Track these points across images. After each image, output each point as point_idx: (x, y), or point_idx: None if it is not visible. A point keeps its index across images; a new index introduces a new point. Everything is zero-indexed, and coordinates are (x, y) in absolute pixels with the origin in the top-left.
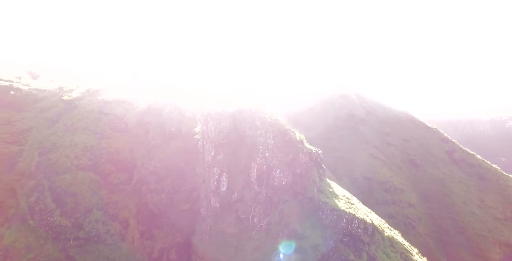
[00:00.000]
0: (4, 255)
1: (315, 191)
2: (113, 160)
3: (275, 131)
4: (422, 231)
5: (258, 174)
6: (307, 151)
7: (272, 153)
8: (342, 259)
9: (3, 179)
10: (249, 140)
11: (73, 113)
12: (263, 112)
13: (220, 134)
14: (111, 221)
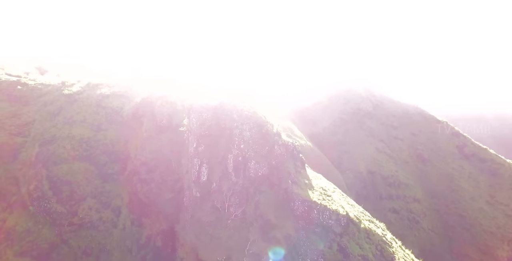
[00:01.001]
0: (6, 237)
1: (289, 182)
2: (108, 151)
3: (252, 123)
4: (427, 226)
5: (235, 165)
6: (283, 143)
7: (248, 145)
8: (312, 248)
9: (7, 168)
10: (227, 132)
11: (72, 106)
12: (242, 105)
13: (202, 126)
14: (103, 209)
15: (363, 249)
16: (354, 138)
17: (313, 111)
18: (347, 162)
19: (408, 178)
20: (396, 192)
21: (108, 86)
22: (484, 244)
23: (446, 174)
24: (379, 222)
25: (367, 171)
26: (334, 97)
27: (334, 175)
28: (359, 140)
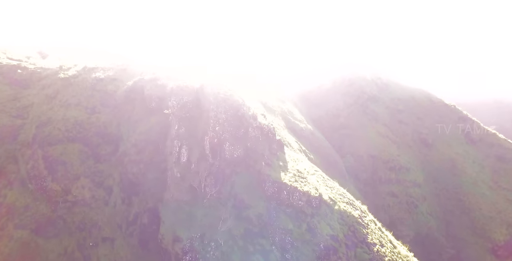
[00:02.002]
0: (7, 212)
1: (262, 164)
2: (101, 133)
3: (228, 106)
4: (425, 210)
5: (211, 147)
6: (258, 125)
7: (223, 127)
8: (281, 227)
9: (7, 148)
10: (205, 115)
11: (68, 90)
12: (220, 88)
13: (183, 109)
14: (96, 188)
15: (333, 229)
16: (357, 121)
17: (316, 93)
18: (348, 146)
19: (410, 162)
20: (396, 176)
21: (103, 70)
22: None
23: (449, 159)
24: (361, 205)
25: (367, 155)
26: (338, 80)
27: (334, 158)
28: (362, 123)
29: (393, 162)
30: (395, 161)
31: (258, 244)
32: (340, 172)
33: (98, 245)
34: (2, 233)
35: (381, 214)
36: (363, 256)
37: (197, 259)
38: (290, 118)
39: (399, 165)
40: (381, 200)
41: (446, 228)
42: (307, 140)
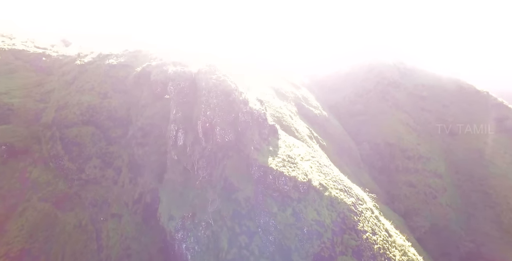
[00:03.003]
0: (31, 186)
1: (251, 148)
2: (112, 117)
3: (219, 91)
4: (445, 202)
5: (203, 131)
6: (247, 111)
7: (214, 112)
8: (266, 210)
9: (32, 129)
10: (199, 100)
11: (83, 76)
12: (213, 73)
13: (179, 94)
14: (106, 168)
15: (320, 215)
16: (375, 108)
17: (334, 79)
18: (365, 133)
19: (431, 151)
20: (415, 166)
21: (116, 56)
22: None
23: (476, 149)
24: (363, 192)
25: (384, 143)
26: (357, 65)
27: (348, 145)
28: (381, 110)
29: (412, 150)
30: (414, 149)
31: (244, 225)
32: (355, 160)
33: (108, 220)
34: (28, 204)
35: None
36: (350, 242)
37: (188, 236)
38: (304, 104)
39: (419, 154)
40: (397, 189)
41: (467, 221)
42: (321, 127)
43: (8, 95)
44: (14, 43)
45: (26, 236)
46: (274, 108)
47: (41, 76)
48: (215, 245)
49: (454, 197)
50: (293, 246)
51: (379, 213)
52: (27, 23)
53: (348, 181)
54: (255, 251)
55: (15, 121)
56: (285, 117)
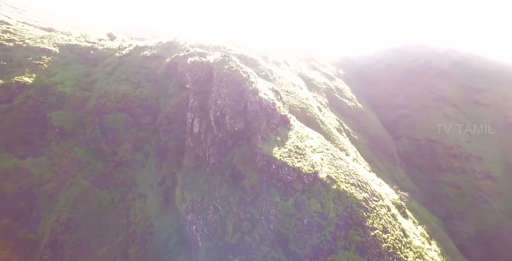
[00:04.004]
0: (77, 164)
1: (258, 138)
2: (143, 105)
3: (230, 81)
4: (498, 208)
5: (215, 119)
6: (256, 100)
7: (224, 101)
8: (268, 199)
9: (78, 115)
10: (212, 89)
11: (121, 67)
12: (226, 63)
13: (196, 84)
14: (136, 151)
15: (324, 208)
16: (418, 101)
17: (373, 70)
18: (404, 128)
19: (484, 151)
20: (462, 165)
21: (150, 48)
22: None
23: None
24: (387, 189)
25: (426, 139)
26: (400, 53)
27: (384, 140)
28: (424, 103)
29: (459, 148)
30: (462, 147)
31: (248, 212)
32: (390, 155)
33: (135, 199)
34: (74, 180)
35: (436, 205)
36: (355, 238)
37: (198, 219)
38: (337, 96)
39: (467, 153)
40: (438, 190)
41: None
42: (354, 120)
43: (62, 85)
44: (70, 39)
45: (71, 206)
46: (299, 99)
47: (88, 68)
48: (222, 229)
49: (510, 203)
50: (291, 236)
51: (400, 212)
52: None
53: (369, 176)
54: (257, 237)
55: (66, 107)
56: (310, 109)
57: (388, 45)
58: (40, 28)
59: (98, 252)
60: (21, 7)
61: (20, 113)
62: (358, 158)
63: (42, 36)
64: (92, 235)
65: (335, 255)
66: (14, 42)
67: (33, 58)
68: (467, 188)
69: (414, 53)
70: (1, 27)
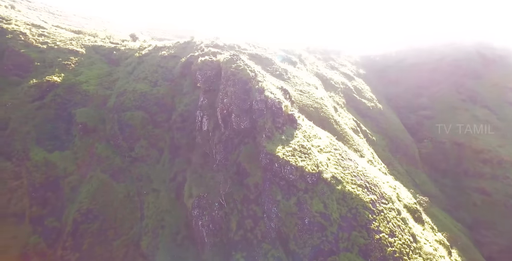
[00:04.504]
0: (97, 159)
1: (263, 136)
2: (159, 103)
3: (237, 80)
4: None
5: (222, 118)
6: (262, 99)
7: (230, 100)
8: (270, 198)
9: (100, 112)
10: (219, 88)
11: (140, 66)
12: (234, 62)
13: (206, 83)
14: (151, 148)
15: (327, 208)
16: (444, 102)
17: (396, 70)
18: (428, 130)
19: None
20: (493, 171)
21: (167, 48)
22: None
23: None
24: (404, 192)
25: (451, 142)
26: (425, 52)
27: (404, 142)
28: (450, 104)
29: (490, 153)
30: (493, 152)
31: (251, 210)
32: (411, 158)
33: (149, 194)
34: (94, 174)
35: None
36: (358, 240)
37: (203, 215)
38: (356, 96)
39: (499, 158)
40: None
41: None
42: (373, 121)
43: (87, 83)
44: (95, 40)
45: (91, 198)
46: (313, 99)
47: (111, 67)
48: (227, 225)
49: None
50: (291, 235)
51: (415, 216)
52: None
53: (383, 178)
54: (258, 235)
55: (89, 105)
56: (324, 108)
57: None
58: (71, 30)
59: (114, 243)
60: (57, 12)
61: (50, 110)
62: (375, 159)
63: (71, 38)
64: (109, 226)
65: (336, 257)
66: (47, 44)
67: (62, 58)
68: (498, 196)
69: (441, 51)
70: (37, 31)
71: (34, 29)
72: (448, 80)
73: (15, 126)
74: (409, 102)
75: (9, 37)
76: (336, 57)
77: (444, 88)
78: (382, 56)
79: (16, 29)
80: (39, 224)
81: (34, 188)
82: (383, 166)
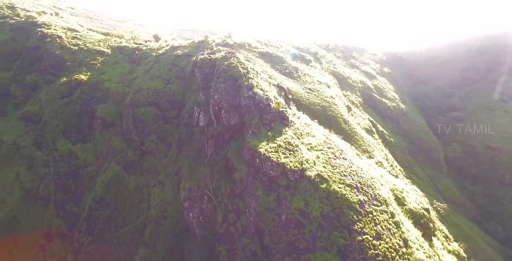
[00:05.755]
0: (113, 152)
1: (249, 132)
2: (170, 100)
3: (228, 76)
4: None
5: (214, 114)
6: (250, 95)
7: (221, 96)
8: (251, 192)
9: (118, 108)
10: (212, 84)
11: (156, 65)
12: (227, 59)
13: (204, 79)
14: (160, 143)
15: (308, 206)
16: (479, 102)
17: (425, 68)
18: (457, 132)
19: None
20: None
21: (182, 48)
22: None
23: None
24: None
25: (484, 146)
26: (461, 49)
27: (428, 145)
28: (485, 105)
29: None
30: None
31: (235, 204)
32: (434, 162)
33: (155, 186)
34: (109, 165)
35: (492, 224)
36: (338, 240)
37: (194, 207)
38: (375, 95)
39: None
40: (497, 206)
41: None
42: (393, 121)
43: (109, 81)
44: (121, 41)
45: (104, 187)
46: (322, 97)
47: (132, 66)
48: (214, 218)
49: None
50: (267, 230)
51: (420, 222)
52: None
53: (379, 179)
54: (240, 229)
55: (110, 101)
56: (332, 107)
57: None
58: (101, 33)
59: (121, 230)
60: (95, 17)
61: (76, 105)
62: (388, 161)
63: (100, 40)
64: (118, 214)
65: (311, 255)
66: (78, 46)
67: (90, 58)
68: None
69: (478, 48)
70: (71, 34)
71: (69, 33)
72: (484, 79)
73: (47, 120)
74: (438, 103)
75: (48, 41)
76: (358, 55)
77: (480, 88)
78: (410, 53)
79: (54, 33)
80: (61, 208)
81: (58, 176)
82: (398, 168)
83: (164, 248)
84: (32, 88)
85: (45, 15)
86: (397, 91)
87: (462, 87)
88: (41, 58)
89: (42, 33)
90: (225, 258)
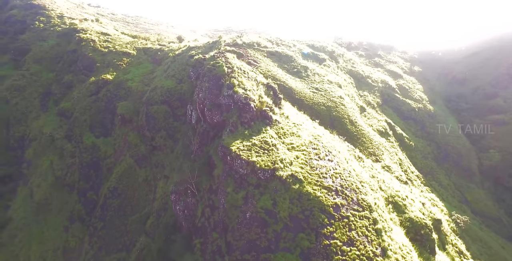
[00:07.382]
0: (128, 146)
1: (227, 130)
2: (180, 98)
3: (212, 76)
4: None
5: (200, 112)
6: (230, 94)
7: (204, 95)
8: (223, 189)
9: (136, 105)
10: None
11: (173, 65)
12: (214, 59)
13: (198, 78)
14: (169, 139)
15: (276, 206)
16: None
17: (463, 65)
18: (496, 138)
19: None
20: None
21: (197, 48)
22: None
23: None
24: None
25: None
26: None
27: (458, 151)
28: None
29: None
30: None
31: (211, 199)
32: (465, 170)
33: (161, 179)
34: (124, 158)
35: None
36: (303, 242)
37: (179, 200)
38: (398, 96)
39: None
40: None
41: None
42: (417, 123)
43: (132, 81)
44: (146, 43)
45: (118, 178)
46: (328, 97)
47: (154, 66)
48: (195, 212)
49: None
50: (230, 226)
51: (421, 233)
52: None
53: (397, 187)
54: (212, 224)
55: (130, 99)
56: (339, 107)
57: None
58: (130, 36)
59: (129, 218)
60: (131, 21)
61: (101, 102)
62: (402, 166)
63: (127, 42)
64: (127, 203)
65: (272, 255)
66: (108, 48)
67: (117, 60)
68: None
69: None
70: (104, 37)
71: (101, 37)
72: None
73: (77, 115)
74: (476, 104)
75: (83, 44)
76: (384, 54)
77: None
78: (446, 51)
79: (89, 37)
80: (83, 195)
81: (82, 166)
82: (415, 174)
83: (161, 238)
84: (68, 87)
85: (86, 21)
86: (427, 91)
87: (507, 87)
88: (76, 60)
89: (79, 38)
90: (198, 251)
